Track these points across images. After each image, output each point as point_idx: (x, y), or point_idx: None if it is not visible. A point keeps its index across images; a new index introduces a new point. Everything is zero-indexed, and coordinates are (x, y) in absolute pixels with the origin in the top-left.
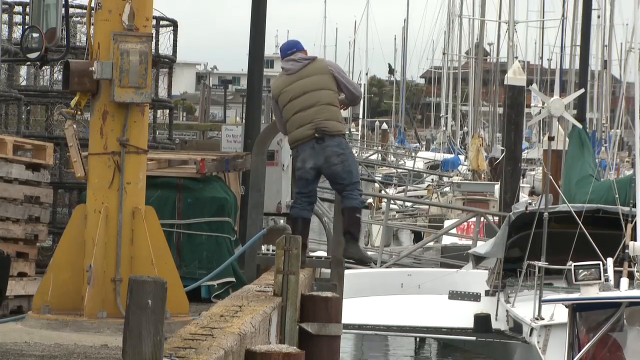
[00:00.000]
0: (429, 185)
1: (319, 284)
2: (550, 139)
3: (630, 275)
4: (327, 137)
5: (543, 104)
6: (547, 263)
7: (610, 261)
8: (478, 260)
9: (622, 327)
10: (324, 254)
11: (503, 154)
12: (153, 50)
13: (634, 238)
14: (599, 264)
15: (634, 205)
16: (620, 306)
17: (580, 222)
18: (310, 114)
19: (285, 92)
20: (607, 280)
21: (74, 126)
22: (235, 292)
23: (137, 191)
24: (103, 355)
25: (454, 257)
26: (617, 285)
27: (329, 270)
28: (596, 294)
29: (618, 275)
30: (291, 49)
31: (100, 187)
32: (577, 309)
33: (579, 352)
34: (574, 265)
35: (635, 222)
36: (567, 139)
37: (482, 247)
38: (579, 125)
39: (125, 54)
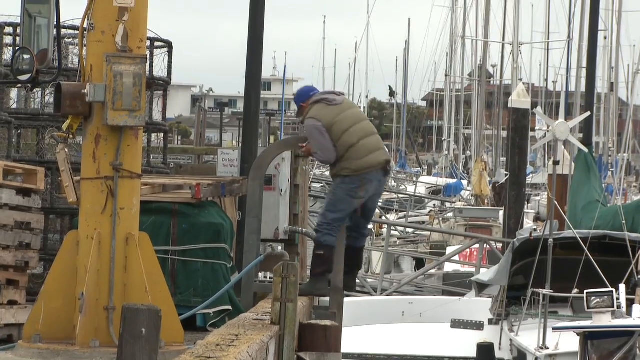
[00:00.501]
0: (431, 210)
1: (318, 313)
2: (555, 163)
3: None
4: (389, 171)
5: (548, 127)
6: (552, 291)
7: (622, 288)
8: (481, 287)
9: (634, 356)
10: None
11: (506, 179)
12: (147, 72)
13: None
14: (612, 291)
15: None
16: (634, 335)
17: (586, 249)
18: (376, 140)
19: (340, 121)
20: (619, 307)
21: (66, 150)
22: (232, 321)
23: (131, 217)
24: None
25: (457, 285)
26: (628, 312)
27: (327, 298)
28: (609, 322)
29: (629, 302)
30: (314, 89)
31: (92, 212)
32: (589, 337)
33: None
34: (586, 293)
35: None
36: (572, 164)
37: (485, 274)
38: (585, 150)
39: (119, 76)
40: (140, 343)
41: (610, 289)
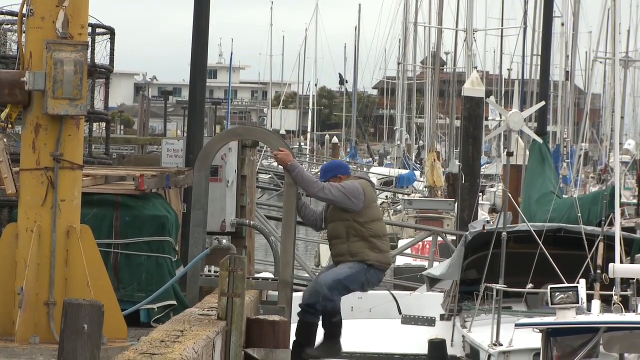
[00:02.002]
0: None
1: (266, 307)
2: (509, 154)
3: (602, 298)
4: None
5: (501, 117)
6: (505, 285)
7: (583, 283)
8: (432, 282)
9: (597, 353)
10: (270, 275)
11: (459, 169)
12: (89, 60)
13: (608, 259)
14: (576, 287)
15: (599, 224)
16: (599, 331)
17: (540, 243)
18: (389, 244)
19: (376, 207)
20: (581, 303)
21: (4, 140)
22: (177, 316)
23: (72, 209)
24: None
25: (408, 279)
26: (587, 308)
27: (276, 293)
28: (573, 319)
29: (588, 297)
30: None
31: (32, 204)
32: (553, 333)
33: None
34: (550, 288)
35: (606, 243)
36: (527, 152)
37: (436, 268)
38: (540, 140)
39: (59, 64)
40: (82, 339)
41: (575, 284)
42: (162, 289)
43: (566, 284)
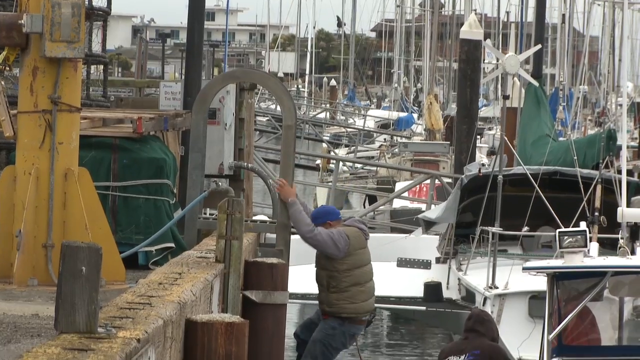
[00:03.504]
0: (381, 145)
1: (264, 250)
2: (505, 97)
3: (603, 242)
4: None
5: (497, 60)
6: (501, 229)
7: (583, 226)
8: (428, 225)
9: (601, 296)
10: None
11: (455, 112)
12: (86, 2)
13: (604, 202)
14: (585, 231)
15: (595, 167)
16: (606, 275)
17: (536, 186)
18: (372, 289)
19: (359, 255)
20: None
21: (2, 83)
22: (175, 259)
23: (70, 151)
24: (34, 326)
25: (405, 222)
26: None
27: (274, 235)
28: (581, 262)
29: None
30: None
31: (30, 147)
32: (560, 277)
33: (559, 322)
34: (559, 232)
35: (603, 186)
36: (522, 96)
37: (432, 211)
38: (535, 83)
39: (57, 6)
40: (80, 282)
41: (583, 228)
42: (160, 231)
43: (575, 229)
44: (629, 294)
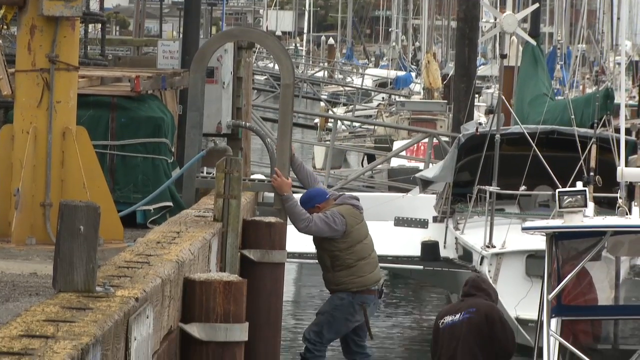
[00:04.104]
0: (379, 104)
1: (262, 209)
2: (503, 56)
3: (599, 201)
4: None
5: (495, 19)
6: (498, 188)
7: (580, 186)
8: (425, 184)
9: (600, 256)
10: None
11: (453, 71)
12: None
13: (600, 161)
14: (585, 191)
15: (591, 127)
16: (605, 235)
17: (533, 145)
18: (376, 260)
19: (358, 230)
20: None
21: (0, 41)
22: (173, 218)
23: (68, 110)
24: (32, 284)
25: (402, 181)
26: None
27: (272, 194)
28: (581, 222)
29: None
30: (327, 192)
31: (28, 106)
32: (559, 237)
33: (558, 282)
34: (558, 192)
35: (599, 145)
36: (519, 54)
37: (429, 170)
38: (533, 42)
39: None
40: (79, 240)
41: (583, 188)
42: (159, 190)
43: (574, 188)
44: (628, 253)
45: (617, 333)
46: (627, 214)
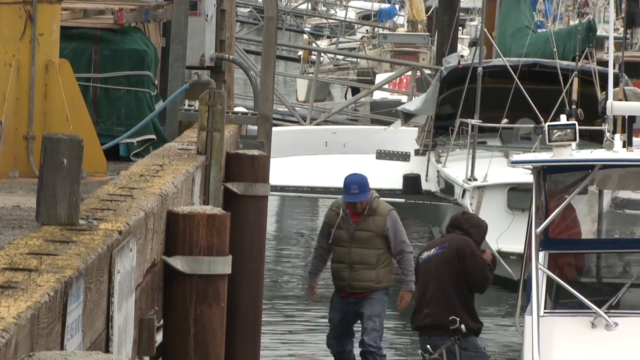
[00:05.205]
0: (363, 37)
1: (245, 142)
2: None
3: (582, 134)
4: None
5: None
6: (480, 121)
7: (564, 119)
8: (407, 117)
9: (586, 190)
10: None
11: (436, 2)
12: None
13: (582, 94)
14: (574, 124)
15: (573, 59)
16: (594, 168)
17: (516, 77)
18: None
19: None
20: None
21: None
22: (156, 150)
23: (51, 43)
24: (15, 217)
25: (385, 114)
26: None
27: (255, 127)
28: (570, 156)
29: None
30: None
31: (10, 38)
32: (548, 171)
33: (546, 216)
34: (548, 125)
35: (581, 78)
36: None
37: (411, 103)
38: None
39: None
40: (62, 174)
41: (573, 122)
42: (142, 123)
43: (564, 122)
44: (616, 187)
45: (599, 266)
46: (614, 148)
